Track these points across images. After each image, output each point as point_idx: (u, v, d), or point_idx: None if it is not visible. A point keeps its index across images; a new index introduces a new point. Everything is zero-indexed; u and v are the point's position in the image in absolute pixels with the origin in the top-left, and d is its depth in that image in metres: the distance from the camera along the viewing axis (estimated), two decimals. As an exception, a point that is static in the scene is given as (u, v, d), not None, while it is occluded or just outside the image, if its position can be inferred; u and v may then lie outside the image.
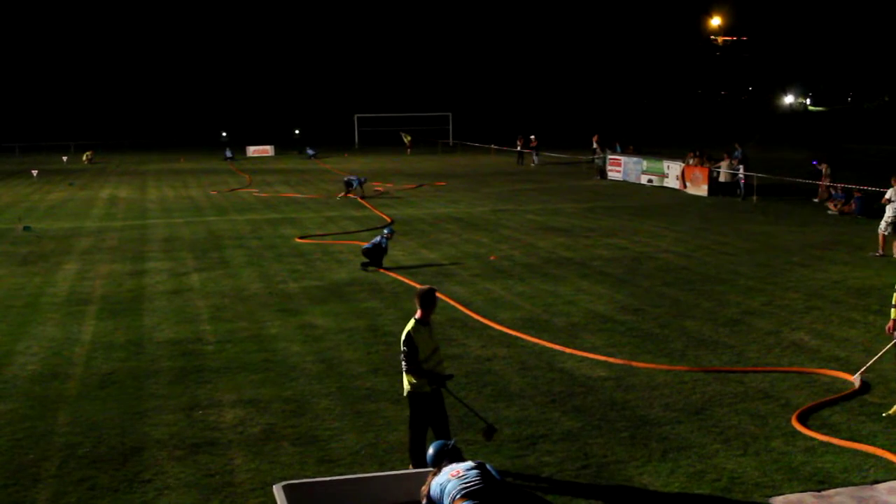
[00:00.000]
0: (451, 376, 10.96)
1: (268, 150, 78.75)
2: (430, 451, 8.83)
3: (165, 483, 10.91)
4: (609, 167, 51.37)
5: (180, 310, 19.79)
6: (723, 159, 42.83)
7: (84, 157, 70.05)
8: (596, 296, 20.69)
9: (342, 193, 42.16)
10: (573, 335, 17.30)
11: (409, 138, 79.91)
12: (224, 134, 79.98)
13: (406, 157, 71.83)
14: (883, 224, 25.46)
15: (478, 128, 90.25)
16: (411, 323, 10.72)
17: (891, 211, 25.26)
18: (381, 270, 23.45)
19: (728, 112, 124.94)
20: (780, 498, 10.27)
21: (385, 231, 24.94)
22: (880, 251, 25.25)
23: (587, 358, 15.69)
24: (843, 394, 13.69)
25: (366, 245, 24.25)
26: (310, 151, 72.51)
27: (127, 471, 11.29)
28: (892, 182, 25.66)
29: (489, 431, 10.83)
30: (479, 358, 15.88)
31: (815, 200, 37.85)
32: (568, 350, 16.15)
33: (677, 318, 18.53)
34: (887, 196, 25.59)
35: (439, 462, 8.62)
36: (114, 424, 12.88)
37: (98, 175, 57.23)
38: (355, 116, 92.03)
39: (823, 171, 38.90)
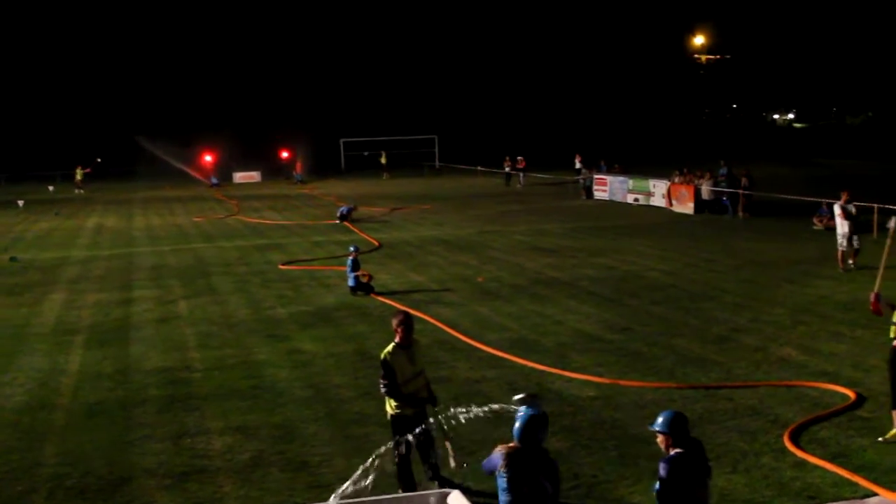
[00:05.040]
0: (432, 399, 10.91)
1: (254, 175, 78.67)
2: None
3: (154, 512, 10.87)
4: (595, 186, 51.48)
5: (168, 338, 19.75)
6: (705, 176, 43.01)
7: (77, 176, 69.40)
8: (584, 315, 20.71)
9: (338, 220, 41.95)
10: (561, 355, 17.30)
11: (385, 159, 79.86)
12: (209, 158, 79.76)
13: (387, 180, 71.76)
14: (840, 239, 25.63)
15: (464, 150, 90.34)
16: (389, 346, 10.73)
17: (843, 226, 25.46)
18: (372, 295, 23.42)
19: (713, 130, 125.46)
20: (771, 514, 10.28)
21: (350, 249, 24.81)
22: (841, 267, 25.36)
23: (575, 378, 15.69)
24: (834, 409, 13.71)
25: (349, 282, 24.08)
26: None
27: (115, 501, 11.24)
28: (842, 196, 25.92)
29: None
30: (467, 380, 15.87)
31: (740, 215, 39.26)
32: (556, 371, 16.15)
33: (665, 337, 18.55)
34: (838, 211, 25.82)
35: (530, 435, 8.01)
36: (102, 454, 12.83)
37: (84, 204, 57.09)
38: (341, 141, 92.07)
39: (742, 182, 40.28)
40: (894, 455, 11.92)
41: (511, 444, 7.68)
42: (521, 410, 7.90)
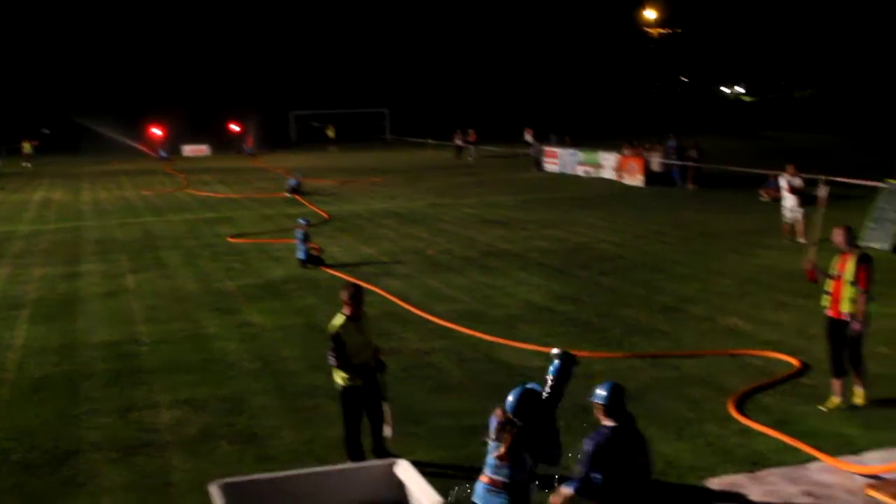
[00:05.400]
0: (381, 366, 10.88)
1: (203, 149, 78.00)
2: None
3: (101, 486, 10.80)
4: (545, 159, 51.62)
5: (115, 312, 19.58)
6: (656, 149, 43.29)
7: (25, 149, 68.42)
8: (533, 287, 20.80)
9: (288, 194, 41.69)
10: (511, 326, 17.37)
11: (332, 133, 79.46)
12: (157, 132, 78.92)
13: (336, 153, 71.39)
14: (786, 212, 25.95)
15: (415, 123, 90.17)
16: (339, 318, 10.70)
17: (789, 199, 25.77)
18: (322, 268, 23.36)
19: (663, 103, 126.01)
20: (715, 479, 10.41)
21: (300, 221, 24.66)
22: (787, 238, 25.67)
23: (524, 349, 15.76)
24: (778, 377, 13.90)
25: (299, 254, 23.97)
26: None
27: (61, 475, 11.15)
28: (787, 169, 26.21)
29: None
30: (417, 351, 15.90)
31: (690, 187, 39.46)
32: (506, 341, 16.21)
33: (614, 307, 18.69)
34: (784, 184, 26.13)
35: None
36: (47, 429, 12.71)
37: (31, 178, 56.36)
38: (291, 114, 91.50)
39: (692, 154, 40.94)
40: (835, 422, 12.12)
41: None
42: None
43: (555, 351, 8.56)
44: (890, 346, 15.50)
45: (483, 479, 7.85)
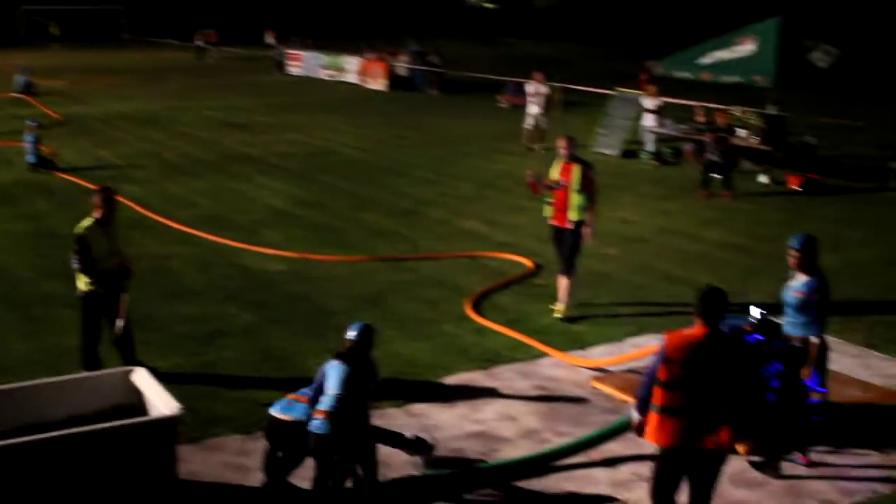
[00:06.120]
0: (126, 273, 10.59)
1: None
2: None
3: None
4: (289, 62, 50.95)
5: None
6: (400, 53, 43.49)
7: None
8: (275, 191, 20.68)
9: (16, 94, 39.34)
10: (253, 231, 17.25)
11: (57, 30, 75.59)
12: None
13: (64, 52, 67.95)
14: (529, 119, 26.64)
15: (155, 23, 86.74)
16: (88, 221, 10.31)
17: (533, 107, 26.47)
18: (54, 172, 22.35)
19: (404, 7, 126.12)
20: (452, 377, 10.79)
21: (30, 123, 23.52)
22: (526, 145, 26.37)
23: (266, 253, 15.70)
24: (512, 277, 14.45)
25: (29, 158, 22.81)
26: None
27: None
28: (535, 77, 26.86)
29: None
30: (156, 256, 15.52)
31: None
32: (247, 246, 16.09)
33: (355, 211, 18.86)
34: (531, 91, 26.75)
35: None
36: None
37: None
38: (22, 8, 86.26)
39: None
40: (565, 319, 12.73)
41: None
42: None
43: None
44: (617, 248, 16.34)
45: (318, 413, 7.82)
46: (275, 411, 8.29)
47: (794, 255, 8.58)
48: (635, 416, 7.18)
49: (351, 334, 8.10)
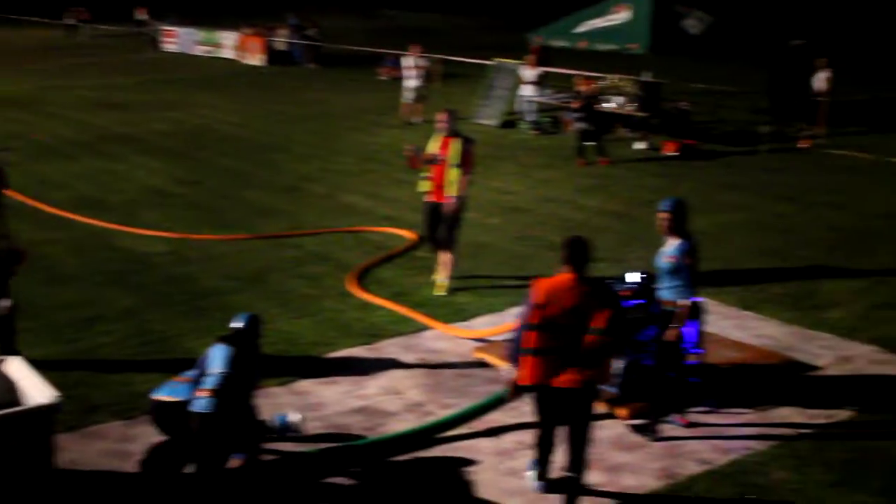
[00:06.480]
0: (16, 257, 10.27)
1: None
2: None
3: None
4: (164, 39, 49.96)
5: None
6: (279, 27, 43.03)
7: None
8: (153, 171, 20.32)
9: None
10: (131, 213, 16.90)
11: None
12: None
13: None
14: (408, 92, 26.59)
15: (21, 0, 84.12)
16: None
17: (413, 81, 26.43)
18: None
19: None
20: (336, 353, 10.77)
21: None
22: (406, 119, 26.32)
23: (145, 235, 15.42)
24: (394, 251, 14.47)
25: None
26: None
27: None
28: (412, 49, 26.83)
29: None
30: (30, 242, 14.97)
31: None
32: (125, 228, 15.77)
33: (235, 189, 18.66)
34: (409, 64, 26.68)
35: None
36: None
37: None
38: None
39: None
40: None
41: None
42: None
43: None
44: (498, 217, 16.49)
45: (201, 391, 7.69)
46: (159, 395, 8.18)
47: (664, 218, 8.75)
48: (509, 369, 7.61)
49: (237, 324, 8.05)
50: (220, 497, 7.81)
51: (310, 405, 9.34)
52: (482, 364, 10.42)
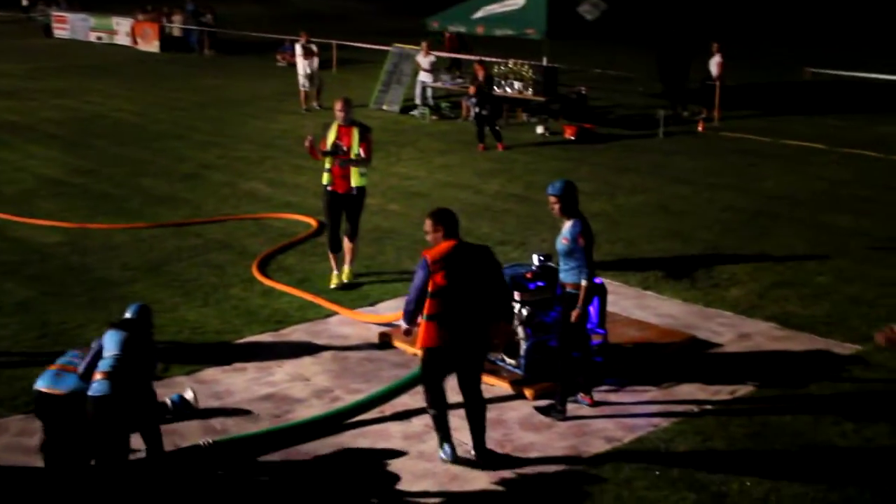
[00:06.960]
0: None
1: None
2: None
3: None
4: (55, 25, 48.77)
5: None
6: (175, 13, 42.39)
7: None
8: (47, 160, 19.89)
9: None
10: (25, 203, 16.53)
11: None
12: None
13: None
14: (301, 80, 26.40)
15: None
16: None
17: (305, 68, 26.23)
18: None
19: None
20: (242, 340, 10.69)
21: None
22: (304, 106, 26.17)
23: (41, 225, 15.09)
24: (297, 237, 14.38)
25: None
26: None
27: None
28: (301, 36, 26.58)
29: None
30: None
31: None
32: (20, 219, 15.41)
33: (133, 177, 18.36)
34: (299, 51, 26.43)
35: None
36: None
37: None
38: None
39: None
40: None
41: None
42: None
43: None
44: (399, 203, 16.49)
45: (97, 375, 7.51)
46: (42, 385, 7.86)
47: (553, 202, 8.78)
48: (404, 325, 8.14)
49: (127, 315, 7.97)
50: (125, 487, 7.68)
51: (217, 393, 9.27)
52: (388, 347, 10.44)
